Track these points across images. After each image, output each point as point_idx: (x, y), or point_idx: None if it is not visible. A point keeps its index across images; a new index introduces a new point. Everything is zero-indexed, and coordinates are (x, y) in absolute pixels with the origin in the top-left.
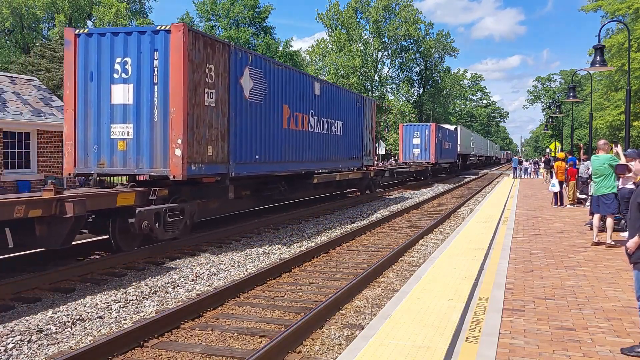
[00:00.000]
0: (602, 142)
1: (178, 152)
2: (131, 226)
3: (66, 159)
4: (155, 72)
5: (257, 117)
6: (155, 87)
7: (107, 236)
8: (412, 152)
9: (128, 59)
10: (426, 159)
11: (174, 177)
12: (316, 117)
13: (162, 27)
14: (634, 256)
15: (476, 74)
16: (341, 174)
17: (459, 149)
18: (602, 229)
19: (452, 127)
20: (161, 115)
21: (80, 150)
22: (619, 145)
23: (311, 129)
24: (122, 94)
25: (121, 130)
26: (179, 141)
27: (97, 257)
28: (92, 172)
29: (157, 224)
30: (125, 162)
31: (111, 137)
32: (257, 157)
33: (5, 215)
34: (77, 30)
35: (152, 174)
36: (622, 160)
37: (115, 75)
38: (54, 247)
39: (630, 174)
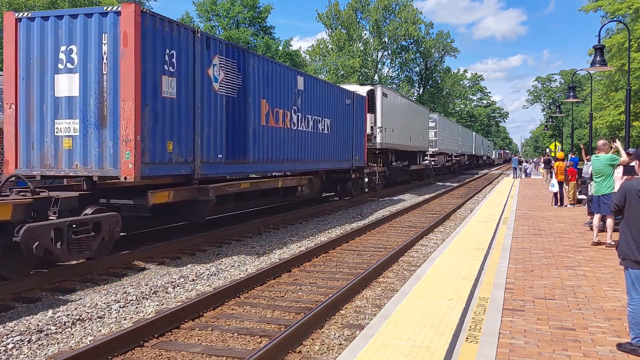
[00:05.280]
0: (602, 142)
1: None
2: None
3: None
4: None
5: None
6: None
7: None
8: (50, 137)
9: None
10: (94, 164)
11: None
12: None
13: (111, 9)
14: (619, 249)
15: (476, 73)
16: None
17: (378, 140)
18: (602, 229)
19: (358, 88)
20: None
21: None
22: (617, 140)
23: None
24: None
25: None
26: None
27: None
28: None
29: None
30: None
31: None
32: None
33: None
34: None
35: None
36: (623, 156)
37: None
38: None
39: None
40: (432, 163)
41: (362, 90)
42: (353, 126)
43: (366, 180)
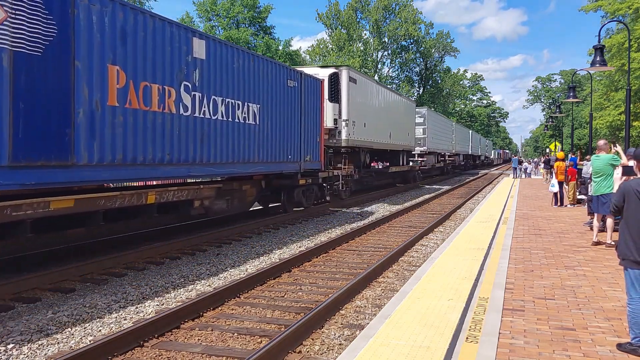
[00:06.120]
0: (602, 142)
1: None
2: None
3: None
4: None
5: None
6: None
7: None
8: None
9: None
10: None
11: None
12: None
13: None
14: (618, 249)
15: (476, 73)
16: None
17: (344, 135)
18: (603, 229)
19: (319, 71)
20: None
21: None
22: (617, 145)
23: None
24: None
25: None
26: None
27: (97, 257)
28: None
29: None
30: None
31: None
32: None
33: None
34: None
35: None
36: (624, 159)
37: None
38: None
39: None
40: (421, 163)
41: (323, 72)
42: (301, 117)
43: (327, 186)
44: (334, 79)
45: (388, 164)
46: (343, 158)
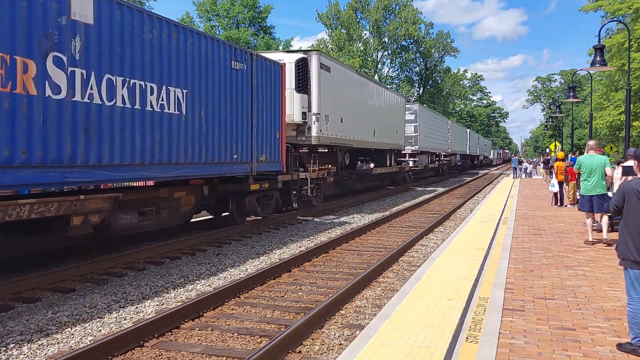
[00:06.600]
0: (593, 142)
1: None
2: None
3: None
4: None
5: None
6: None
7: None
8: None
9: None
10: None
11: None
12: None
13: None
14: (618, 249)
15: (476, 73)
16: None
17: (314, 132)
18: (599, 229)
19: (284, 56)
20: None
21: None
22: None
23: None
24: None
25: None
26: None
27: (97, 257)
28: None
29: None
30: None
31: None
32: None
33: None
34: None
35: None
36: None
37: None
38: None
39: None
40: (411, 164)
41: (289, 58)
42: (252, 107)
43: (293, 191)
44: (302, 66)
45: (373, 164)
46: (313, 158)
